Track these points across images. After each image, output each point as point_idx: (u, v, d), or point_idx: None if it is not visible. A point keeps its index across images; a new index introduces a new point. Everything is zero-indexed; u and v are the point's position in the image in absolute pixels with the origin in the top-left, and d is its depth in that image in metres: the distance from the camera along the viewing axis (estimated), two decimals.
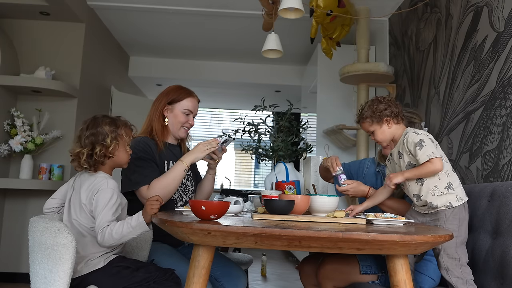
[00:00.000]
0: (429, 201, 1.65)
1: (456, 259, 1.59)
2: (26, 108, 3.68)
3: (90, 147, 1.57)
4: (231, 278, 1.92)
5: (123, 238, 1.50)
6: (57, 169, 3.61)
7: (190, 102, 2.06)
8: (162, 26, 4.58)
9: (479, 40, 2.47)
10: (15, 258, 3.61)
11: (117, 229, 1.49)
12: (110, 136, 1.59)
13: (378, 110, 1.77)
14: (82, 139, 1.59)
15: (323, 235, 1.12)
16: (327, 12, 3.07)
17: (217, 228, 1.16)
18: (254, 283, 4.07)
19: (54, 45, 3.87)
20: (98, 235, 1.50)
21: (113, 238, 1.49)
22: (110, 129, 1.60)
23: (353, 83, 3.78)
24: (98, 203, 1.53)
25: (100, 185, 1.55)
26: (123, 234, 1.49)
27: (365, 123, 1.82)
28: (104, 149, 1.58)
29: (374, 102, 1.80)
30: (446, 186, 1.64)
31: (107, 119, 1.63)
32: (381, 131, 1.79)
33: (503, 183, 1.76)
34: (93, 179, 1.58)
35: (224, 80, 5.81)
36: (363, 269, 1.88)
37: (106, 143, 1.58)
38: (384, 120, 1.77)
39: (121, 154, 1.64)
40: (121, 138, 1.63)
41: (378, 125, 1.79)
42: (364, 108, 1.82)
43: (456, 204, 1.63)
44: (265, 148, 2.56)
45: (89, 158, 1.57)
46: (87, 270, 1.53)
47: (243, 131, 2.58)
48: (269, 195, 1.78)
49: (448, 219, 1.63)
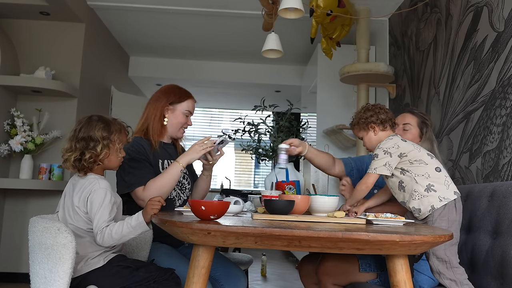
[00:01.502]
0: (412, 206, 1.68)
1: (446, 262, 1.59)
2: (26, 108, 3.68)
3: (79, 152, 1.56)
4: (231, 278, 1.92)
5: (123, 238, 1.50)
6: (57, 169, 3.61)
7: (191, 104, 2.08)
8: (162, 26, 4.58)
9: (479, 40, 2.47)
10: (15, 258, 3.61)
11: (116, 229, 1.49)
12: (102, 143, 1.57)
13: (363, 117, 1.83)
14: (73, 141, 1.58)
15: (323, 235, 1.12)
16: (327, 12, 3.07)
17: (217, 228, 1.16)
18: (254, 283, 4.07)
19: (54, 45, 3.87)
20: (97, 236, 1.50)
21: (113, 239, 1.49)
22: (103, 135, 1.58)
23: (353, 83, 3.78)
24: (93, 205, 1.52)
25: (92, 187, 1.54)
26: (123, 234, 1.49)
27: (354, 129, 1.89)
28: (94, 156, 1.56)
29: (362, 109, 1.87)
30: (426, 189, 1.65)
31: (101, 124, 1.60)
32: (367, 138, 1.85)
33: (503, 183, 1.76)
34: (84, 181, 1.57)
35: (224, 80, 5.81)
36: (362, 267, 1.88)
37: (95, 151, 1.56)
38: (370, 127, 1.82)
39: (112, 159, 1.61)
40: (113, 145, 1.59)
41: (365, 132, 1.85)
42: (355, 115, 1.89)
43: (439, 205, 1.63)
44: (265, 148, 2.56)
45: (77, 162, 1.56)
46: (87, 269, 1.53)
47: (243, 131, 2.59)
48: (269, 195, 1.78)
49: (435, 221, 1.63)
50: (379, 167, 1.69)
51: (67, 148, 1.59)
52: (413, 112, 2.14)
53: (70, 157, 1.56)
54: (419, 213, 1.67)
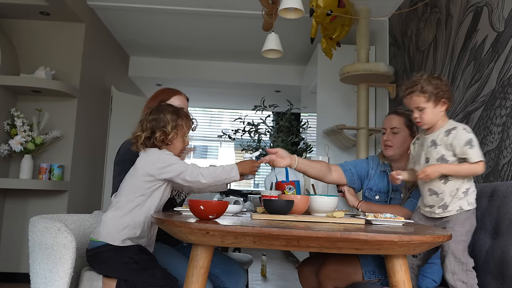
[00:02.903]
0: (445, 201, 1.59)
1: (463, 264, 1.56)
2: (26, 108, 3.68)
3: (150, 131, 1.63)
4: (231, 275, 1.93)
5: (220, 175, 1.62)
6: (57, 169, 3.61)
7: (178, 99, 2.09)
8: (162, 26, 4.58)
9: (479, 40, 2.47)
10: (15, 258, 3.61)
11: (208, 169, 1.61)
12: (171, 124, 1.64)
13: (441, 89, 1.61)
14: (144, 123, 1.65)
15: (321, 235, 1.12)
16: (327, 12, 3.07)
17: (215, 228, 1.16)
18: (254, 283, 4.07)
19: (54, 45, 3.87)
20: (194, 173, 1.57)
21: (204, 174, 1.59)
22: (172, 117, 1.65)
23: (353, 83, 3.78)
24: (167, 161, 1.58)
25: (160, 152, 1.61)
26: (215, 172, 1.61)
27: (420, 97, 1.63)
28: (163, 135, 1.63)
29: (435, 79, 1.63)
30: (464, 191, 1.60)
31: (170, 108, 1.69)
32: (432, 111, 1.63)
33: (503, 183, 1.76)
34: (150, 152, 1.62)
35: (224, 80, 5.81)
36: (366, 275, 1.85)
37: (166, 130, 1.63)
38: (442, 101, 1.62)
39: (178, 143, 1.68)
40: (181, 128, 1.67)
41: (433, 104, 1.62)
42: (422, 80, 1.64)
43: (466, 208, 1.59)
44: (265, 148, 2.56)
45: (147, 140, 1.63)
46: (104, 238, 1.54)
47: (243, 131, 2.59)
48: (269, 195, 1.78)
49: (458, 222, 1.58)
50: (480, 153, 1.54)
51: (138, 129, 1.66)
52: (398, 113, 2.03)
53: (141, 135, 1.62)
54: (444, 209, 1.60)
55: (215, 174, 1.62)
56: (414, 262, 1.70)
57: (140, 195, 1.58)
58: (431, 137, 1.65)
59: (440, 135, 1.63)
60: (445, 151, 1.60)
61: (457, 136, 1.57)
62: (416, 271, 1.71)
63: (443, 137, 1.61)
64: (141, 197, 1.59)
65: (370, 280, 1.85)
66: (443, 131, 1.62)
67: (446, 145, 1.60)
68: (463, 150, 1.55)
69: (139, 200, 1.58)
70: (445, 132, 1.61)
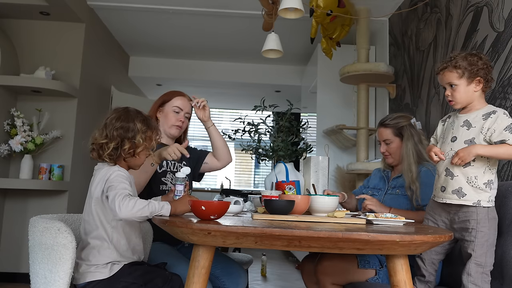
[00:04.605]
0: (461, 187, 1.54)
1: (482, 267, 1.54)
2: (26, 108, 3.68)
3: (118, 140, 1.47)
4: (232, 276, 1.93)
5: (141, 211, 1.33)
6: (57, 169, 3.61)
7: (179, 100, 2.13)
8: (162, 26, 4.58)
9: (479, 40, 2.47)
10: (15, 258, 3.61)
11: (139, 202, 1.34)
12: (141, 135, 1.49)
13: (476, 65, 1.52)
14: (109, 129, 1.47)
15: (323, 235, 1.12)
16: (327, 12, 3.07)
17: (217, 228, 1.16)
18: (254, 283, 4.07)
19: (54, 45, 3.87)
20: (115, 202, 1.33)
21: (132, 210, 1.33)
22: (143, 128, 1.50)
23: (353, 83, 3.78)
24: (113, 181, 1.40)
25: (112, 171, 1.45)
26: (143, 206, 1.34)
27: (453, 72, 1.55)
28: (133, 147, 1.48)
29: (473, 56, 1.54)
30: (486, 183, 1.54)
31: (141, 117, 1.53)
32: (465, 89, 1.54)
33: (503, 183, 1.76)
34: (107, 169, 1.46)
35: (224, 80, 5.81)
36: (361, 263, 1.88)
37: (136, 141, 1.48)
38: (476, 79, 1.54)
39: (142, 157, 1.54)
40: (149, 141, 1.53)
41: (466, 81, 1.54)
42: (458, 56, 1.56)
43: (485, 205, 1.55)
44: (265, 148, 2.56)
45: (114, 151, 1.47)
46: (90, 277, 1.45)
47: (243, 131, 2.58)
48: (269, 195, 1.78)
49: (480, 221, 1.54)
50: None
51: (102, 136, 1.48)
52: (385, 125, 2.09)
53: (105, 145, 1.46)
54: (460, 196, 1.55)
55: (137, 209, 1.33)
56: (435, 257, 1.69)
57: (112, 219, 1.45)
58: (466, 117, 1.59)
59: (477, 117, 1.55)
60: (477, 135, 1.53)
61: (498, 120, 1.50)
62: (436, 266, 1.71)
63: (480, 120, 1.54)
64: (113, 221, 1.46)
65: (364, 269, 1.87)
66: (480, 114, 1.55)
67: (482, 128, 1.52)
68: (502, 134, 1.48)
69: (114, 224, 1.46)
70: (483, 116, 1.54)
